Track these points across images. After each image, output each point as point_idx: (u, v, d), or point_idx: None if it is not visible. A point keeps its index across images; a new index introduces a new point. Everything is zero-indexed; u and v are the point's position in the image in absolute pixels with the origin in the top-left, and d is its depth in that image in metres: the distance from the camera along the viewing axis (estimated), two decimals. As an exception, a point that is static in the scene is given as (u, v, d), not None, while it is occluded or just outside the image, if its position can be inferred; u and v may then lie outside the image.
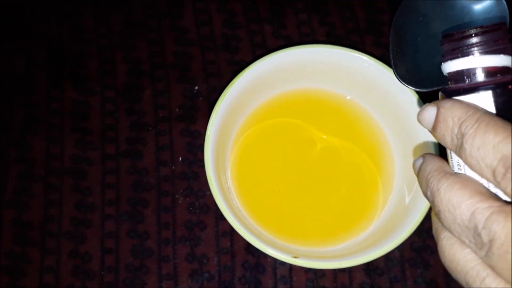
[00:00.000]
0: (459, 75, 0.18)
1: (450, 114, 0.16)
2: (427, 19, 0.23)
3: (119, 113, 0.33)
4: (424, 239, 0.30)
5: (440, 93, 0.19)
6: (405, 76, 0.24)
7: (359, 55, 0.27)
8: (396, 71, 0.24)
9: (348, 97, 0.31)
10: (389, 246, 0.24)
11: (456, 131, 0.16)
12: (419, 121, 0.18)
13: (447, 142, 0.17)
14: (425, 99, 0.26)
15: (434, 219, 0.18)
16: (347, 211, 0.28)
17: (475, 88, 0.17)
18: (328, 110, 0.31)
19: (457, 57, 0.18)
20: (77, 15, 0.36)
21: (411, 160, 0.27)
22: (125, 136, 0.32)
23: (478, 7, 0.22)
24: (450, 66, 0.18)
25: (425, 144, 0.26)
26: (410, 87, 0.23)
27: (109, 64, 0.34)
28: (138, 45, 0.35)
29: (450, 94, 0.18)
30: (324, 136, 0.30)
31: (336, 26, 0.36)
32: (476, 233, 0.15)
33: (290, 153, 0.30)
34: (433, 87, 0.23)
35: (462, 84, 0.18)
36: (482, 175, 0.16)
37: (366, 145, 0.30)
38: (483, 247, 0.15)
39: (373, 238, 0.26)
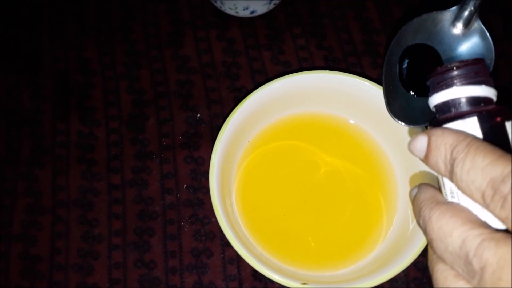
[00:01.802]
0: (445, 105, 0.19)
1: (442, 140, 0.17)
2: (417, 57, 0.24)
3: (123, 143, 0.34)
4: (431, 258, 0.30)
5: (428, 126, 0.19)
6: (398, 113, 0.24)
7: (359, 80, 0.28)
8: (389, 109, 0.24)
9: (351, 121, 0.31)
10: (397, 269, 0.24)
11: (448, 157, 0.17)
12: (410, 151, 0.19)
13: (441, 168, 0.17)
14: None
15: (429, 251, 0.18)
16: (352, 234, 0.28)
17: (461, 115, 0.18)
18: (332, 133, 0.31)
19: (442, 89, 0.19)
20: (81, 47, 0.37)
21: (415, 182, 0.27)
22: (130, 165, 0.33)
23: (464, 45, 0.22)
24: (436, 99, 0.19)
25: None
26: (403, 124, 0.24)
27: (114, 95, 0.35)
28: (142, 75, 0.36)
29: (438, 124, 0.18)
30: (328, 159, 0.30)
31: (334, 49, 0.37)
32: (468, 261, 0.15)
33: (294, 176, 0.30)
34: (426, 123, 0.23)
35: (448, 113, 0.18)
36: (473, 198, 0.16)
37: (369, 168, 0.30)
38: (475, 276, 0.15)
39: (379, 261, 0.26)
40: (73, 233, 0.31)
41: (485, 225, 0.15)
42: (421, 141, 0.18)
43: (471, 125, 0.17)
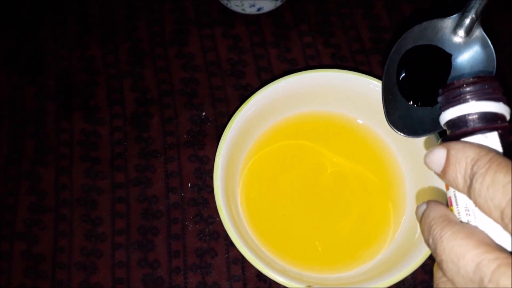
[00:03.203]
0: (461, 120, 0.18)
1: (463, 154, 0.16)
2: (417, 66, 0.23)
3: (127, 141, 0.33)
4: (439, 261, 0.30)
5: (440, 141, 0.18)
6: (397, 123, 0.23)
7: (367, 79, 0.27)
8: (388, 119, 0.24)
9: (359, 121, 0.30)
10: (404, 272, 0.23)
11: (469, 171, 0.16)
12: (426, 164, 0.18)
13: (459, 184, 0.16)
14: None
15: (435, 270, 0.17)
16: (358, 236, 0.28)
17: (480, 130, 0.17)
18: (339, 133, 0.31)
19: (459, 103, 0.18)
20: (85, 46, 0.36)
21: (424, 185, 0.26)
22: (134, 164, 0.33)
23: (466, 53, 0.22)
24: (452, 113, 0.18)
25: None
26: (402, 134, 0.23)
27: (118, 93, 0.35)
28: (146, 73, 0.35)
29: (454, 139, 0.18)
30: (335, 159, 0.30)
31: (341, 47, 0.36)
32: (482, 287, 0.14)
33: (300, 176, 0.30)
34: (426, 134, 0.23)
35: (465, 128, 0.18)
36: (490, 216, 0.15)
37: (377, 169, 0.30)
38: None
39: (386, 264, 0.25)
40: (76, 232, 0.31)
41: (500, 248, 0.15)
42: (439, 154, 0.17)
43: (492, 141, 0.17)
